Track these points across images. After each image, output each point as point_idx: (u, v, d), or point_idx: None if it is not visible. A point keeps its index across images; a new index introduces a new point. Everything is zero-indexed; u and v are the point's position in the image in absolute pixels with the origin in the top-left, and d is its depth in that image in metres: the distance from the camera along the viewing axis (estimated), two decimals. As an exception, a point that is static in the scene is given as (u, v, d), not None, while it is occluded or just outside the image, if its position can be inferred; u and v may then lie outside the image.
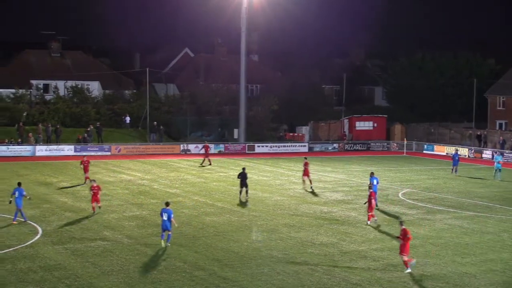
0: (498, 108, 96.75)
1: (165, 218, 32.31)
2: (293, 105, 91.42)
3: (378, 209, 42.31)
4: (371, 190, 39.52)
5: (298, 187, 52.55)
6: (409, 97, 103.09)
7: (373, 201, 39.28)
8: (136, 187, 51.53)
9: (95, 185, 40.67)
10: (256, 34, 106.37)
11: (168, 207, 32.69)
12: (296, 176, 59.31)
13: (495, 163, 61.16)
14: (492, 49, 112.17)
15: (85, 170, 52.75)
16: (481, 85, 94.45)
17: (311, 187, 51.35)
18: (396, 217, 40.22)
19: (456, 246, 34.06)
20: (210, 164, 65.96)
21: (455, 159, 62.61)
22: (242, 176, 46.64)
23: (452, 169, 62.60)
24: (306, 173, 51.85)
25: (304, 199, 47.29)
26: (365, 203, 40.12)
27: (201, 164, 66.33)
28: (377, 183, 43.75)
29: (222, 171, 61.73)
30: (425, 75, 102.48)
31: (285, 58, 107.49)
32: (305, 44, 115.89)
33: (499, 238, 36.07)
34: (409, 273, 28.82)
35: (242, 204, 44.92)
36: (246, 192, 46.79)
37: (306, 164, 52.02)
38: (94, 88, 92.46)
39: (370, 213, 39.04)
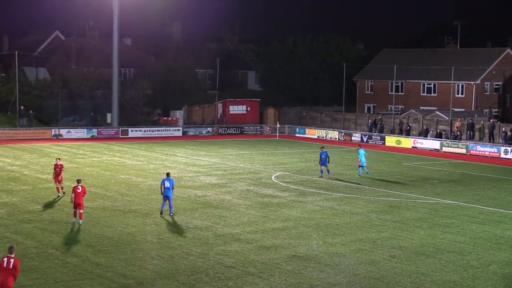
0: (367, 92, 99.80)
1: None
2: (167, 89, 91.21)
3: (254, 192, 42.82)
4: (79, 185, 34.48)
5: (172, 172, 52.49)
6: (282, 81, 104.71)
7: (81, 198, 34.01)
8: (6, 173, 50.16)
9: None
10: (128, 17, 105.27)
11: None
12: (170, 160, 59.33)
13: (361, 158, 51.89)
14: (361, 35, 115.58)
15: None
16: (351, 70, 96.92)
17: (63, 193, 41.57)
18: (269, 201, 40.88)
19: (327, 227, 34.98)
20: None
21: (322, 158, 50.86)
22: None
23: (322, 171, 51.43)
24: (58, 177, 41.53)
25: (178, 183, 47.28)
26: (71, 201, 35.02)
27: None
28: (171, 186, 36.24)
29: (95, 156, 60.95)
30: (296, 60, 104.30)
31: (159, 42, 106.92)
32: (179, 28, 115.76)
33: (368, 218, 37.29)
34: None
35: (116, 188, 44.55)
36: None
37: (59, 167, 41.49)
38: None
39: (75, 210, 34.23)
